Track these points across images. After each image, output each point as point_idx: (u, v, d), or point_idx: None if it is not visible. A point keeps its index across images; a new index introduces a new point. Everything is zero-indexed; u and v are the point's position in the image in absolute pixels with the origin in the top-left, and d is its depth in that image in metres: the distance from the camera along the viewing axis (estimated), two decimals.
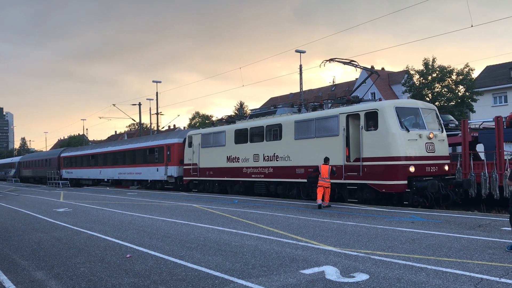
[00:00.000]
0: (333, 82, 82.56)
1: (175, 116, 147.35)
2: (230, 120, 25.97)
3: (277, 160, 20.32)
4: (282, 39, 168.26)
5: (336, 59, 19.29)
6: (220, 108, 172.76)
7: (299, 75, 37.25)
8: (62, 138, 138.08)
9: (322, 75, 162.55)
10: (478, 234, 9.49)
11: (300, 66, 36.98)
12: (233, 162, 23.29)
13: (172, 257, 8.06)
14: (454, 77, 40.70)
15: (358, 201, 16.43)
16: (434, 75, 40.84)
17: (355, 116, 16.74)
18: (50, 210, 17.93)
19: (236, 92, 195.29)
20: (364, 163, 16.00)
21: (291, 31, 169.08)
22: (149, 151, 32.57)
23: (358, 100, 18.60)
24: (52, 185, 45.80)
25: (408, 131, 15.34)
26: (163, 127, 63.96)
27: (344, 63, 19.26)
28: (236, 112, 79.18)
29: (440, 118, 17.16)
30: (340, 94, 56.15)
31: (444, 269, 6.64)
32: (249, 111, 79.65)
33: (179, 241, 9.79)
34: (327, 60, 19.35)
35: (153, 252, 8.58)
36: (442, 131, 16.72)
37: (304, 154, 18.84)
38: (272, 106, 24.90)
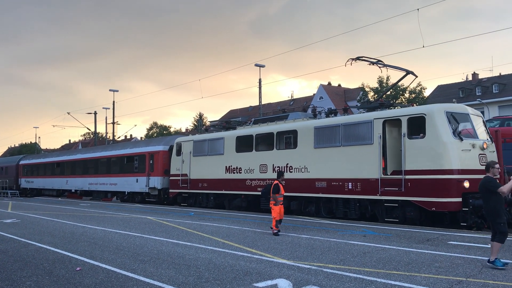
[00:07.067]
0: (292, 96, 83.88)
1: (132, 126, 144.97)
2: (228, 126, 23.49)
3: (291, 172, 17.73)
4: (239, 53, 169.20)
5: (363, 58, 17.46)
6: (178, 118, 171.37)
7: (258, 88, 37.56)
8: (12, 146, 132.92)
9: (279, 90, 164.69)
10: (427, 248, 9.81)
11: (260, 80, 37.36)
12: (234, 173, 20.68)
13: (124, 270, 7.91)
14: (407, 95, 42.20)
15: (399, 221, 14.30)
16: (388, 92, 42.19)
17: (394, 122, 14.71)
18: None
19: (195, 104, 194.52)
20: (407, 177, 13.84)
21: (248, 45, 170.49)
22: (127, 160, 29.55)
23: (390, 104, 16.88)
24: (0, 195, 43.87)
25: (462, 140, 13.38)
26: (119, 137, 62.74)
27: (371, 62, 17.47)
28: (195, 123, 78.80)
29: (487, 127, 15.24)
30: (298, 109, 56.95)
31: (392, 282, 6.83)
32: (208, 122, 79.11)
33: (132, 254, 9.61)
34: (353, 59, 17.45)
35: (104, 265, 8.39)
36: (492, 141, 14.66)
37: (326, 165, 16.48)
38: (282, 110, 22.67)
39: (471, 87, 53.76)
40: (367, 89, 43.50)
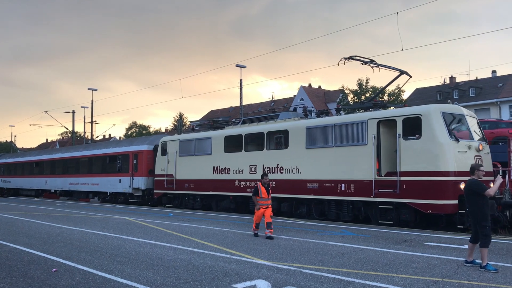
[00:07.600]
0: (272, 98, 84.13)
1: (111, 125, 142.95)
2: (216, 125, 22.83)
3: (282, 172, 17.49)
4: (220, 53, 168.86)
5: (356, 57, 17.21)
6: (158, 118, 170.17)
7: (239, 89, 37.55)
8: None
9: (260, 90, 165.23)
10: (404, 249, 9.93)
11: (241, 80, 37.33)
12: (222, 173, 20.14)
13: (101, 272, 7.80)
14: (386, 97, 42.70)
15: (393, 224, 14.07)
16: (368, 95, 42.76)
17: (388, 122, 14.51)
18: None
19: (175, 104, 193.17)
20: (402, 178, 13.64)
21: (229, 46, 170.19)
22: (109, 159, 28.62)
23: (384, 105, 16.70)
24: None
25: (458, 141, 13.22)
26: (97, 136, 61.97)
27: (364, 62, 17.22)
28: (176, 123, 78.35)
29: (482, 129, 15.12)
30: (279, 110, 57.12)
31: (370, 283, 6.89)
32: (189, 123, 78.55)
33: (109, 255, 9.49)
34: (346, 58, 17.25)
35: (81, 266, 8.26)
36: (487, 143, 14.56)
37: (318, 166, 16.22)
38: (271, 110, 22.17)
39: (449, 91, 54.63)
40: (346, 91, 43.90)
